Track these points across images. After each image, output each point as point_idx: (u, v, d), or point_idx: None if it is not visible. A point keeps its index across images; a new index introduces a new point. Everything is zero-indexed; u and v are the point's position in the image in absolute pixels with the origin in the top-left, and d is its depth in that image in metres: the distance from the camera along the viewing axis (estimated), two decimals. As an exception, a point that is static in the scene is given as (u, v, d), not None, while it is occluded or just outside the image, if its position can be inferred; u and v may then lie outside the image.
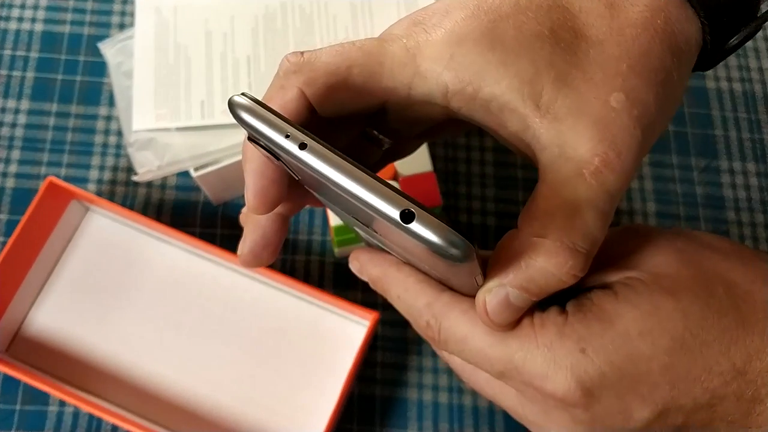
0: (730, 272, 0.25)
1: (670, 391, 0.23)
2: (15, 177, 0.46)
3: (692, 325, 0.23)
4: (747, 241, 0.46)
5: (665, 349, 0.23)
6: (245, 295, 0.43)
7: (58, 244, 0.43)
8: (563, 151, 0.22)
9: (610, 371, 0.23)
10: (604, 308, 0.24)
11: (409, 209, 0.18)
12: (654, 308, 0.23)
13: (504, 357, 0.24)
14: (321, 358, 0.41)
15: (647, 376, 0.23)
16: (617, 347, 0.23)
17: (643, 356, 0.23)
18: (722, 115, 0.49)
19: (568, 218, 0.22)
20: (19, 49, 0.49)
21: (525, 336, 0.24)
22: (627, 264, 0.25)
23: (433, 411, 0.41)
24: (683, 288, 0.24)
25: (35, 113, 0.47)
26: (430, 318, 0.25)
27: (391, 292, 0.26)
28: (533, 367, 0.23)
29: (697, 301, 0.24)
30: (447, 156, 0.47)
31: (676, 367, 0.23)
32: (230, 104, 0.20)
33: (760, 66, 0.51)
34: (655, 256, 0.25)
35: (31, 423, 0.40)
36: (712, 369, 0.23)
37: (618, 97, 0.22)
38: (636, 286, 0.24)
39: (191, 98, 0.42)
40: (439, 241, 0.17)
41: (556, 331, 0.23)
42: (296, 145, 0.19)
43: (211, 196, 0.45)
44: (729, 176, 0.48)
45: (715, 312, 0.23)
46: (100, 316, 0.42)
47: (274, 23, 0.44)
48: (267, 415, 0.40)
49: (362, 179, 0.18)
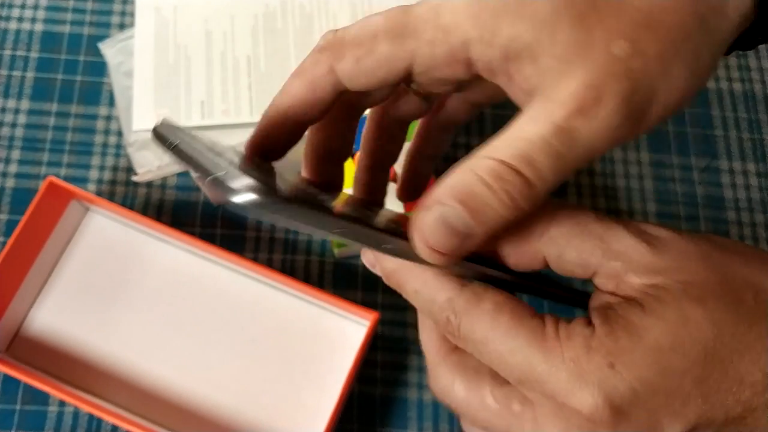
0: (758, 278, 0.24)
1: (702, 404, 0.22)
2: (15, 177, 0.46)
3: (722, 333, 0.22)
4: (747, 242, 0.46)
5: (697, 360, 0.22)
6: (245, 294, 0.43)
7: (58, 244, 0.43)
8: (550, 92, 0.21)
9: (641, 388, 0.22)
10: (631, 320, 0.23)
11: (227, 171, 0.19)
12: (684, 319, 0.22)
13: (525, 366, 0.23)
14: (321, 358, 0.41)
15: (679, 390, 0.22)
16: (649, 362, 0.22)
17: (675, 370, 0.22)
18: (722, 115, 0.49)
19: (515, 142, 0.21)
20: (19, 49, 0.49)
21: (550, 348, 0.23)
22: (653, 268, 0.24)
23: (433, 411, 0.41)
24: (712, 296, 0.23)
25: (35, 113, 0.47)
26: (450, 314, 0.24)
27: (407, 286, 0.25)
28: (558, 382, 0.22)
29: (727, 309, 0.23)
30: (447, 156, 0.47)
31: (708, 380, 0.22)
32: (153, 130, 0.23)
33: (760, 66, 0.51)
34: (682, 261, 0.24)
35: (31, 423, 0.40)
36: (744, 380, 0.22)
37: (621, 44, 0.21)
38: (662, 296, 0.23)
39: (191, 98, 0.42)
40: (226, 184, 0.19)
41: (583, 344, 0.22)
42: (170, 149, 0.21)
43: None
44: (729, 176, 0.48)
45: (745, 320, 0.23)
46: (100, 316, 0.42)
47: (274, 23, 0.44)
48: (267, 414, 0.40)
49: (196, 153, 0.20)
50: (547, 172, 0.21)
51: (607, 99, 0.21)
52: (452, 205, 0.21)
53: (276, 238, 0.45)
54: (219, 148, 0.24)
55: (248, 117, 0.42)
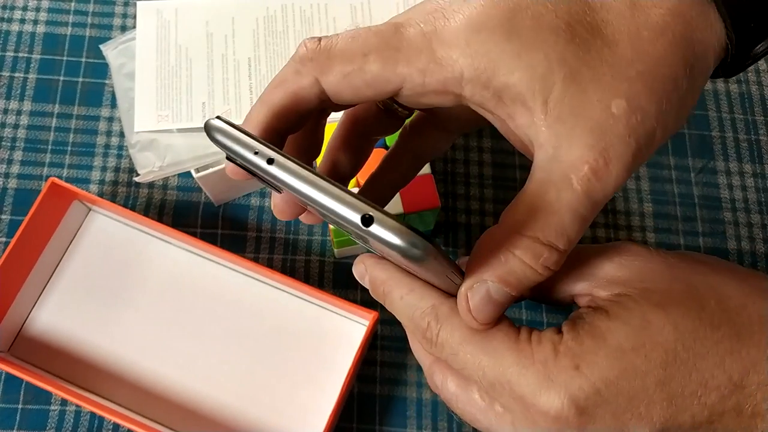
0: (723, 286, 0.24)
1: (667, 408, 0.23)
2: (17, 178, 0.46)
3: (684, 337, 0.23)
4: (743, 242, 0.46)
5: (659, 362, 0.23)
6: (246, 294, 0.43)
7: (60, 245, 0.43)
8: (557, 152, 0.22)
9: (604, 388, 0.23)
10: (596, 325, 0.24)
11: (369, 213, 0.19)
12: (645, 322, 0.23)
13: (498, 368, 0.24)
14: (321, 358, 0.42)
15: (643, 393, 0.23)
16: (611, 363, 0.23)
17: (638, 371, 0.23)
18: (719, 116, 0.50)
19: (548, 218, 0.22)
20: (21, 50, 0.49)
21: (521, 351, 0.24)
22: (617, 280, 0.25)
23: (433, 410, 0.41)
24: (674, 302, 0.24)
25: (37, 114, 0.48)
26: (432, 319, 0.25)
27: (394, 294, 0.26)
28: (526, 383, 0.23)
29: (689, 313, 0.23)
30: (445, 157, 0.47)
31: (671, 382, 0.23)
32: (206, 127, 0.22)
33: (757, 68, 0.51)
34: (646, 272, 0.25)
35: (34, 422, 0.41)
36: (708, 383, 0.23)
37: (619, 103, 0.22)
38: (625, 302, 0.24)
39: (192, 99, 0.43)
40: (399, 241, 0.19)
41: (551, 348, 0.23)
42: (264, 161, 0.20)
43: (212, 197, 0.45)
44: (726, 177, 0.48)
45: (707, 324, 0.23)
46: (102, 316, 0.42)
47: (275, 25, 0.44)
48: (267, 413, 0.40)
49: (325, 188, 0.20)
50: (575, 237, 0.23)
51: (616, 161, 0.22)
52: (496, 284, 0.23)
53: (276, 238, 0.45)
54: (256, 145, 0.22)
55: (249, 118, 0.42)
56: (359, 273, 0.28)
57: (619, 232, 0.46)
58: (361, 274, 0.28)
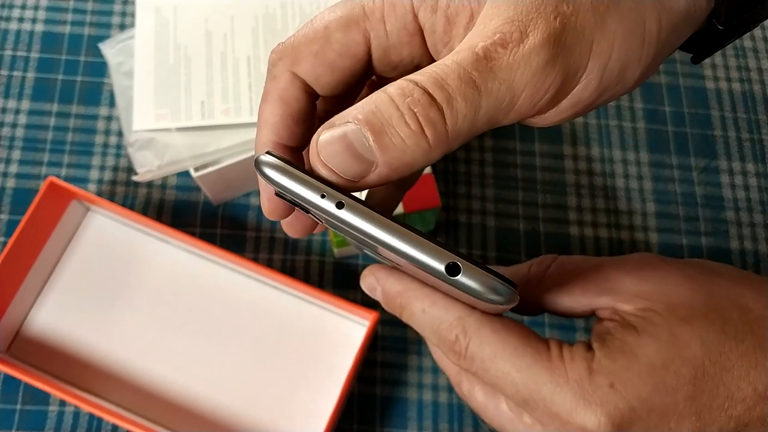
0: (742, 298, 0.25)
1: (696, 422, 0.23)
2: (16, 177, 0.46)
3: (711, 351, 0.23)
4: (746, 241, 0.46)
5: (688, 378, 0.23)
6: (245, 295, 0.43)
7: (58, 244, 0.43)
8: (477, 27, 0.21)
9: (639, 405, 0.23)
10: (627, 341, 0.24)
11: (454, 262, 0.19)
12: (672, 337, 0.24)
13: (531, 385, 0.24)
14: (321, 358, 0.41)
15: (674, 408, 0.23)
16: (644, 380, 0.23)
17: (668, 387, 0.23)
18: (721, 116, 0.49)
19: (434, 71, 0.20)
20: (20, 49, 0.49)
21: (555, 369, 0.24)
22: (640, 294, 0.25)
23: (433, 411, 0.41)
24: (698, 315, 0.24)
25: (36, 113, 0.48)
26: (459, 332, 0.25)
27: (414, 306, 0.26)
28: (563, 402, 0.23)
29: (713, 327, 0.24)
30: (446, 156, 0.47)
31: (700, 397, 0.23)
32: (257, 164, 0.20)
33: (759, 66, 0.51)
34: (667, 285, 0.25)
35: (32, 423, 0.40)
36: (734, 395, 0.23)
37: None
38: (652, 317, 0.24)
39: (191, 98, 0.42)
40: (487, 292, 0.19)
41: (585, 366, 0.24)
42: (333, 204, 0.20)
43: (211, 196, 0.45)
44: (728, 176, 0.48)
45: (732, 338, 0.24)
46: (101, 316, 0.42)
47: (274, 23, 0.44)
48: (267, 414, 0.40)
49: (404, 235, 0.20)
50: (459, 102, 0.19)
51: (532, 35, 0.19)
52: (356, 124, 0.19)
53: (276, 238, 0.45)
54: None
55: (248, 117, 0.42)
56: (369, 286, 0.27)
57: (622, 231, 0.46)
58: (371, 286, 0.27)
